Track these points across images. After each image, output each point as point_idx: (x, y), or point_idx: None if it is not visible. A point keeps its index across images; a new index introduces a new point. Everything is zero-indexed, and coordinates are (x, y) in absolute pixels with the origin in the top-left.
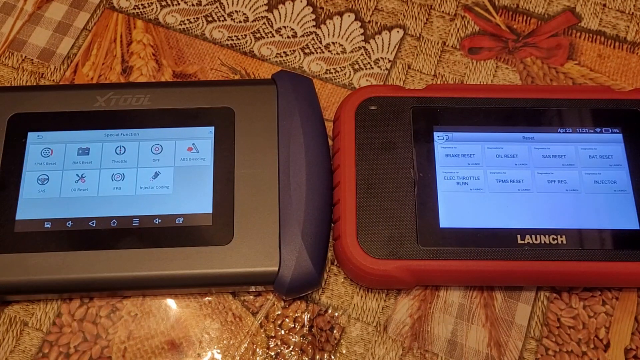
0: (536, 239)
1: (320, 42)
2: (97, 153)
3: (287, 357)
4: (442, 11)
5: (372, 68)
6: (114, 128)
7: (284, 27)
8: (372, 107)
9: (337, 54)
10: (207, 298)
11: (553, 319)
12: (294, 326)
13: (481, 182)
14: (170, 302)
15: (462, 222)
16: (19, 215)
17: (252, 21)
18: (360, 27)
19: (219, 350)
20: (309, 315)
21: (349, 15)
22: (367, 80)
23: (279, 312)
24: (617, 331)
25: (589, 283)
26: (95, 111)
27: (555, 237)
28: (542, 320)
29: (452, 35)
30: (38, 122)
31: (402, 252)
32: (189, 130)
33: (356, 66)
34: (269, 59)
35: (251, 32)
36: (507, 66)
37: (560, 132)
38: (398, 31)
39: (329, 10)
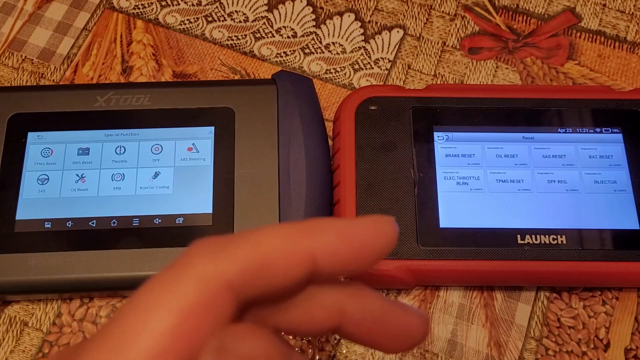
0: (536, 239)
1: (320, 42)
2: (97, 153)
3: None
4: (442, 11)
5: (372, 68)
6: (114, 128)
7: (284, 27)
8: (372, 107)
9: (337, 54)
10: None
11: (553, 319)
12: None
13: (481, 182)
14: None
15: (462, 222)
16: (19, 215)
17: (252, 21)
18: (360, 27)
19: None
20: None
21: (349, 15)
22: (367, 80)
23: None
24: (617, 331)
25: (589, 283)
26: (95, 111)
27: (555, 237)
28: (542, 320)
29: (452, 35)
30: (38, 122)
31: (402, 252)
32: (189, 130)
33: (356, 66)
34: (269, 59)
35: (251, 32)
36: (507, 66)
37: (560, 132)
38: (398, 31)
39: (329, 10)
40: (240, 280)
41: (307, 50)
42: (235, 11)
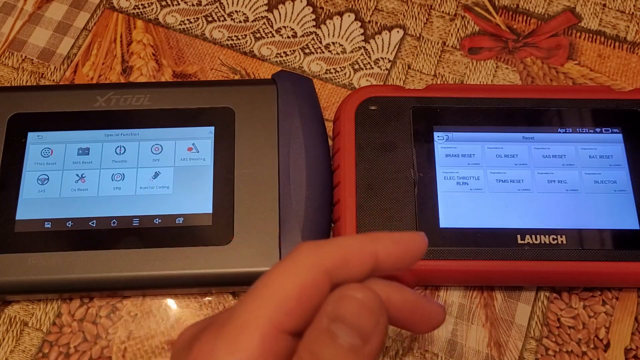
0: (536, 239)
1: (320, 42)
2: (97, 153)
3: None
4: (442, 11)
5: (372, 68)
6: (114, 128)
7: (284, 27)
8: (372, 107)
9: (337, 54)
10: (207, 298)
11: (553, 319)
12: None
13: (481, 182)
14: (170, 302)
15: (462, 222)
16: (19, 215)
17: (252, 21)
18: (360, 27)
19: None
20: None
21: (349, 15)
22: (367, 80)
23: None
24: (617, 331)
25: (589, 283)
26: (95, 111)
27: (555, 237)
28: (542, 320)
29: (452, 35)
30: (38, 122)
31: None
32: (189, 130)
33: (356, 66)
34: (269, 59)
35: (251, 32)
36: (507, 66)
37: (560, 132)
38: (398, 31)
39: (329, 10)
40: (333, 269)
41: (307, 50)
42: (235, 11)
